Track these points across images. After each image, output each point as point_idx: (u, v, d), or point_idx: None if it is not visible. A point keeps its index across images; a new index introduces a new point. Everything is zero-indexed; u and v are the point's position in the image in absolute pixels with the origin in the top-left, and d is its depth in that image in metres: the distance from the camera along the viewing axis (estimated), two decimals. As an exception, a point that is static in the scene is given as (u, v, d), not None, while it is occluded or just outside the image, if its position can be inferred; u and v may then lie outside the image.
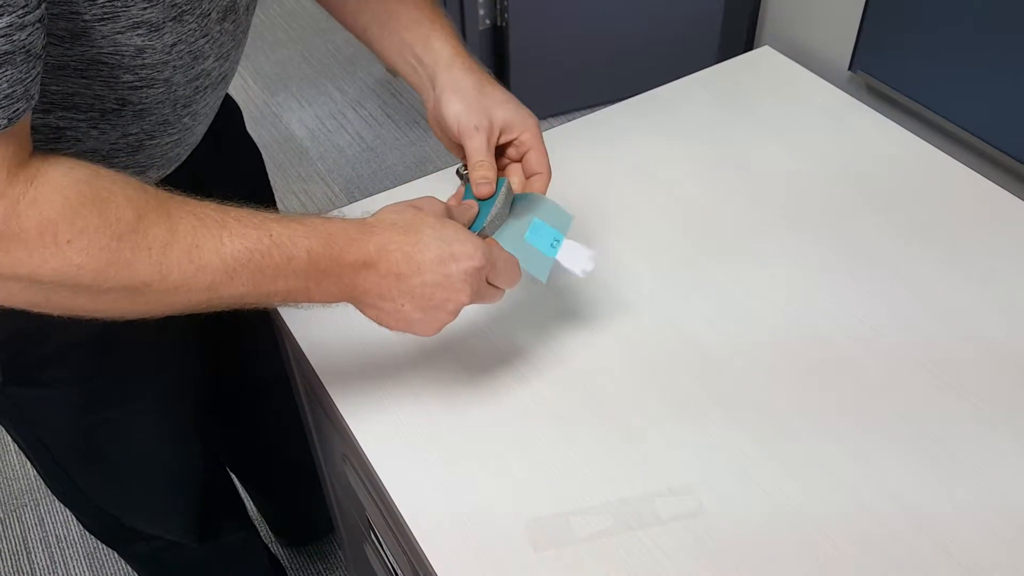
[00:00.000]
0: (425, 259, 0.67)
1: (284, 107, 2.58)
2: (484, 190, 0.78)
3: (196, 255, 0.60)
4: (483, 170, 0.79)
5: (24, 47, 0.53)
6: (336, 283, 0.67)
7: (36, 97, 0.56)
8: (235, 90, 2.63)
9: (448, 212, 0.73)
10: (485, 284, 0.72)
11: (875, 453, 0.78)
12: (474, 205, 0.78)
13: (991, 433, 0.79)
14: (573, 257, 0.78)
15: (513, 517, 0.75)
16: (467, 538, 0.73)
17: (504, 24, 2.16)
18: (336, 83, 2.65)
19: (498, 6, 2.17)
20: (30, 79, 0.55)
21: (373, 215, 0.70)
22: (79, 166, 0.58)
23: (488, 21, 2.20)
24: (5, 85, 0.53)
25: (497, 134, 0.81)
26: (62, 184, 0.56)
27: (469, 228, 0.76)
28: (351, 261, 0.66)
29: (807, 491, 0.75)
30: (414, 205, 0.71)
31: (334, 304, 0.70)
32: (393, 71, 0.87)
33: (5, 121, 0.54)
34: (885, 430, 0.79)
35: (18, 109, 0.54)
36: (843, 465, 0.77)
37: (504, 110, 0.81)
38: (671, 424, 0.80)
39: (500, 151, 0.83)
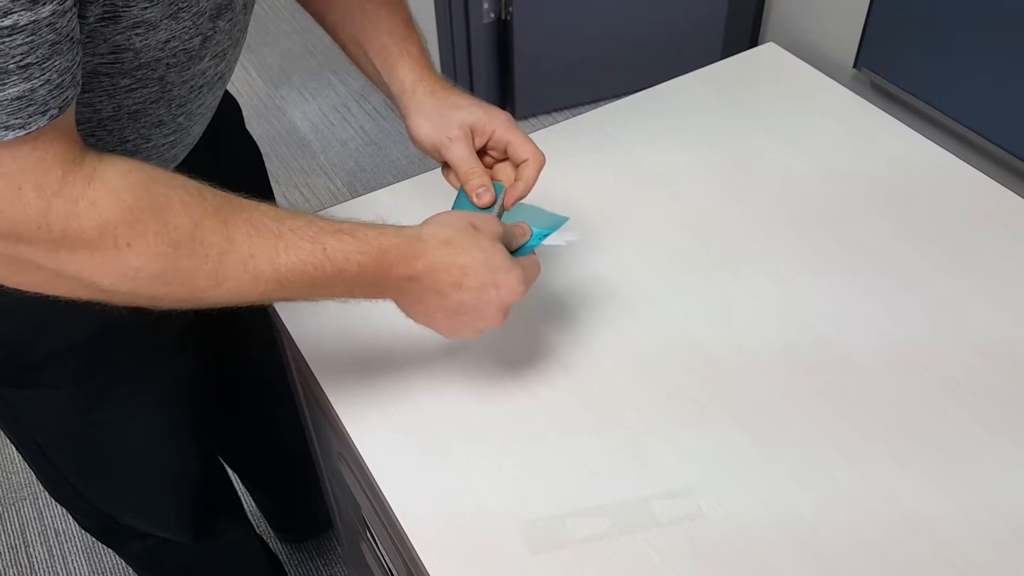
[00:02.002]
0: (468, 283, 0.69)
1: (287, 100, 2.58)
2: (486, 198, 0.78)
3: (252, 265, 0.62)
4: (476, 178, 0.79)
5: (68, 35, 0.54)
6: (379, 290, 0.69)
7: (81, 82, 0.57)
8: (238, 83, 2.62)
9: (503, 236, 0.73)
10: (517, 301, 0.72)
11: (875, 457, 0.77)
12: (527, 231, 0.77)
13: (992, 437, 0.78)
14: (558, 236, 0.79)
15: (509, 519, 0.74)
16: (461, 540, 0.73)
17: (508, 18, 2.15)
18: (340, 76, 2.64)
19: (502, 0, 2.16)
20: (75, 65, 0.56)
21: (428, 223, 0.71)
22: (136, 168, 0.59)
23: (492, 15, 2.19)
24: (55, 75, 0.53)
25: (470, 136, 0.80)
26: (119, 187, 0.57)
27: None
28: (398, 275, 0.68)
29: (806, 495, 0.74)
30: (473, 224, 0.71)
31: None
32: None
33: (57, 110, 0.54)
34: (885, 434, 0.78)
35: (68, 97, 0.55)
36: (843, 469, 0.76)
37: (467, 112, 0.80)
38: (670, 426, 0.80)
39: (481, 155, 0.83)
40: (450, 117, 0.80)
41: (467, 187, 0.79)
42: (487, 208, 0.79)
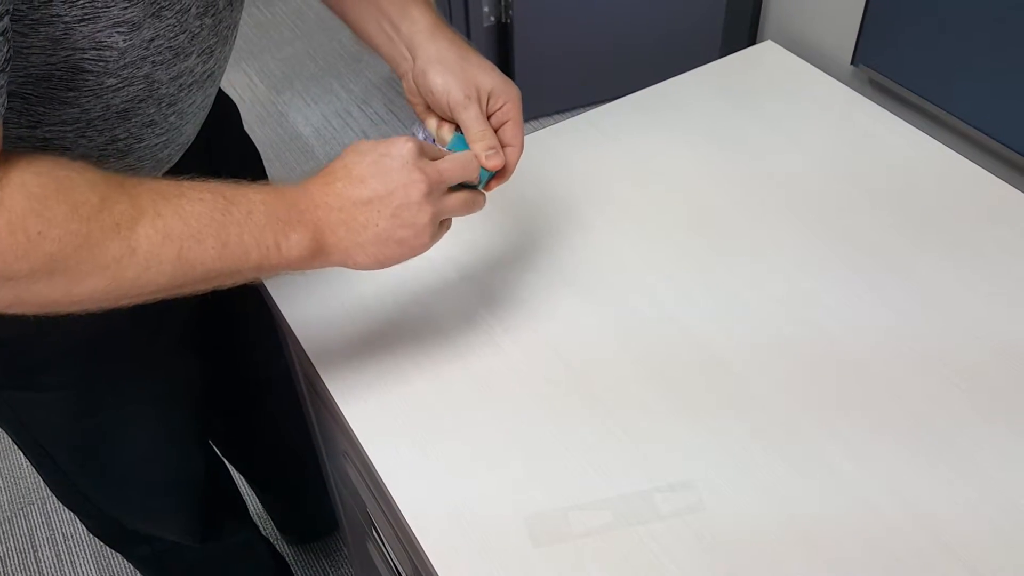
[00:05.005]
0: (362, 170, 0.68)
1: (290, 105, 2.59)
2: (495, 160, 0.77)
3: (160, 224, 0.61)
4: (488, 140, 0.78)
5: None
6: (303, 233, 0.66)
7: (2, 109, 0.56)
8: (240, 88, 2.64)
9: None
10: (434, 167, 0.70)
11: (878, 450, 0.77)
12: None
13: (996, 431, 0.78)
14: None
15: (512, 513, 0.74)
16: (466, 534, 0.73)
17: (508, 21, 2.16)
18: (342, 81, 2.66)
19: (502, 3, 2.17)
20: None
21: None
22: (37, 159, 0.59)
23: (492, 18, 2.20)
24: None
25: (485, 101, 0.80)
26: (25, 180, 0.57)
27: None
28: (305, 205, 0.67)
29: (808, 488, 0.75)
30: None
31: (318, 269, 0.70)
32: (365, 41, 0.86)
33: None
34: (888, 427, 0.79)
35: None
36: (845, 462, 0.76)
37: (489, 77, 0.80)
38: (672, 420, 0.80)
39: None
40: (473, 76, 0.79)
41: (477, 147, 0.78)
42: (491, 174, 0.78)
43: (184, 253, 0.62)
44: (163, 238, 0.61)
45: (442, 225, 0.73)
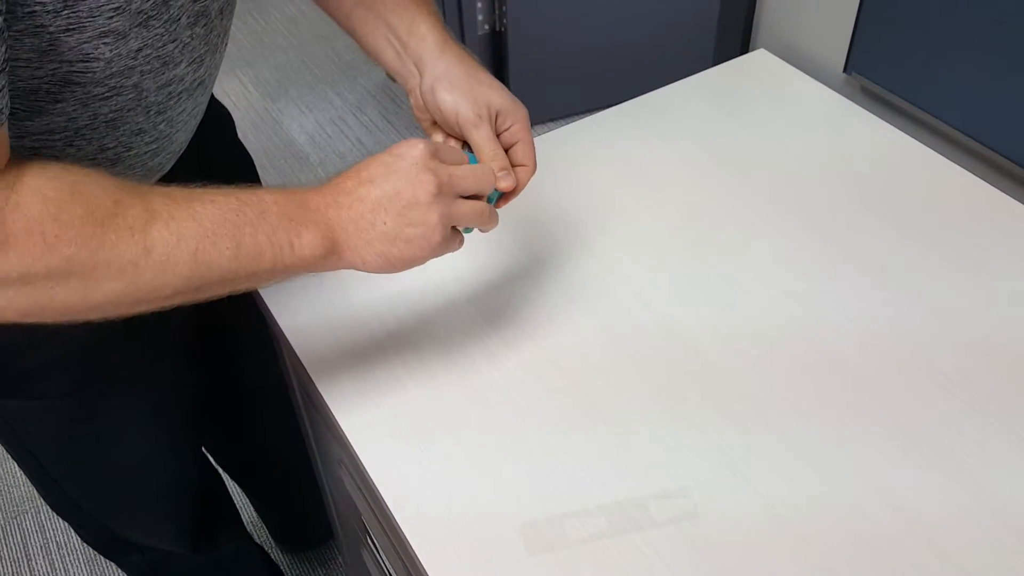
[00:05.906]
0: (371, 171, 0.68)
1: (284, 113, 2.59)
2: (508, 181, 0.77)
3: (174, 226, 0.61)
4: (500, 161, 0.78)
5: None
6: (315, 232, 0.67)
7: (6, 110, 0.57)
8: (235, 96, 2.64)
9: None
10: (447, 170, 0.70)
11: (869, 454, 0.78)
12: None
13: (986, 434, 0.79)
14: None
15: (507, 520, 0.75)
16: (462, 542, 0.73)
17: (503, 30, 2.16)
18: (336, 89, 2.66)
19: (496, 11, 2.17)
20: None
21: None
22: (50, 164, 0.59)
23: (487, 27, 2.21)
24: None
25: (495, 120, 0.79)
26: (39, 184, 0.57)
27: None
28: (316, 204, 0.67)
29: (801, 492, 0.75)
30: None
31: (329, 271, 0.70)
32: (373, 57, 0.86)
33: None
34: (879, 431, 0.79)
35: None
36: (838, 466, 0.77)
37: (498, 97, 0.79)
38: (665, 425, 0.80)
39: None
40: (482, 95, 0.79)
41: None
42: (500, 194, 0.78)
43: (199, 254, 0.62)
44: (177, 239, 0.61)
45: (455, 235, 0.73)
